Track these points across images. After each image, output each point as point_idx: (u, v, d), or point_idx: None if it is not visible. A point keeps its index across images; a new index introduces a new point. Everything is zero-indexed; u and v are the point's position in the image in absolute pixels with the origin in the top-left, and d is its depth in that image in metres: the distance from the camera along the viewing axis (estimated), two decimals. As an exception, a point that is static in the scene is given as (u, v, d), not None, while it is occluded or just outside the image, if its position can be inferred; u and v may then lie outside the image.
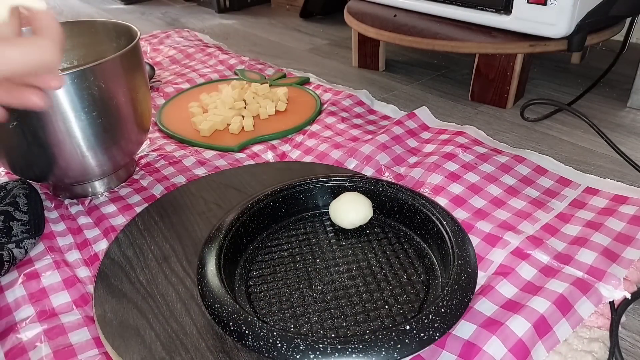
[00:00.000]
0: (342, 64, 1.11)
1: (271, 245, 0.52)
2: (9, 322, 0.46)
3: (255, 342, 0.36)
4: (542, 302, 0.43)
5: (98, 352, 0.43)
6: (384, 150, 0.68)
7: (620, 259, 0.47)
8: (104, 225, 0.58)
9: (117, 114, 0.58)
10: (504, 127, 0.80)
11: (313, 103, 0.86)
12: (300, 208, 0.56)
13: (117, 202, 0.62)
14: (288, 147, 0.74)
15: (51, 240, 0.55)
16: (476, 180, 0.61)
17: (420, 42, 0.85)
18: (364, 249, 0.51)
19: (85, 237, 0.57)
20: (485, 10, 0.83)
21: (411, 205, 0.52)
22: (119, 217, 0.59)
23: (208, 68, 1.06)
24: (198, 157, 0.71)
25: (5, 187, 0.58)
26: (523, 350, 0.40)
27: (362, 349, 0.35)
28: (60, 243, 0.56)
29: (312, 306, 0.44)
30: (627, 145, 0.72)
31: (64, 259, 0.53)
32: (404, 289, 0.45)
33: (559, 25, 0.74)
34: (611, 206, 0.56)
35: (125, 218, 0.59)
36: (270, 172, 0.65)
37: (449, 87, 0.96)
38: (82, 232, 0.58)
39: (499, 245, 0.50)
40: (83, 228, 0.58)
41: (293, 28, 1.40)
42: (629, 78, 0.86)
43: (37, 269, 0.51)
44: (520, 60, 0.81)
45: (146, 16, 1.56)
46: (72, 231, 0.58)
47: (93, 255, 0.54)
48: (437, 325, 0.36)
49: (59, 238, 0.56)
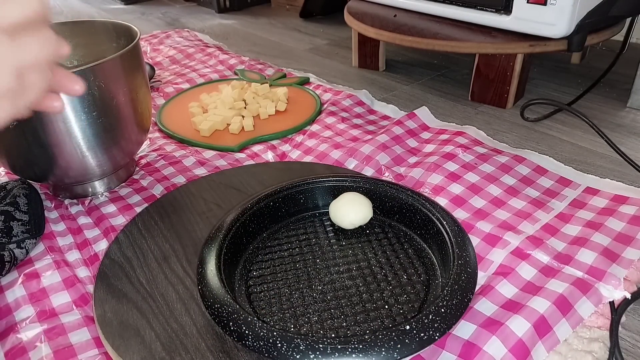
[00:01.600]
0: (342, 64, 1.11)
1: (271, 245, 0.52)
2: (9, 322, 0.46)
3: (255, 342, 0.36)
4: (542, 302, 0.43)
5: (98, 352, 0.43)
6: (384, 150, 0.68)
7: (620, 259, 0.47)
8: (104, 225, 0.58)
9: (117, 114, 0.58)
10: (504, 127, 0.80)
11: (313, 103, 0.86)
12: (300, 208, 0.56)
13: (117, 202, 0.62)
14: (288, 147, 0.74)
15: (51, 240, 0.55)
16: (476, 180, 0.61)
17: (420, 42, 0.85)
18: (364, 249, 0.51)
19: (85, 237, 0.57)
20: (485, 10, 0.83)
21: (411, 205, 0.52)
22: (119, 217, 0.59)
23: (208, 68, 1.06)
24: (198, 157, 0.71)
25: (5, 187, 0.58)
26: (523, 350, 0.40)
27: (362, 349, 0.35)
28: (60, 243, 0.56)
29: (312, 306, 0.44)
30: (627, 145, 0.72)
31: (64, 259, 0.53)
32: (404, 289, 0.45)
33: (559, 25, 0.74)
34: (611, 206, 0.56)
35: (125, 218, 0.59)
36: (270, 172, 0.65)
37: (449, 87, 0.96)
38: (82, 232, 0.58)
39: (499, 245, 0.50)
40: (83, 228, 0.58)
41: (293, 28, 1.40)
42: (629, 78, 0.86)
43: (37, 269, 0.51)
44: (520, 60, 0.81)
45: (146, 16, 1.56)
46: (72, 231, 0.58)
47: (93, 255, 0.54)
48: (437, 325, 0.36)
49: (59, 238, 0.56)
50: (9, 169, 0.60)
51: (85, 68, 0.52)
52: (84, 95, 0.53)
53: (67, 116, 0.53)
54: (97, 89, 0.54)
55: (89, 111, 0.54)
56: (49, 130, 0.54)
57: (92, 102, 0.54)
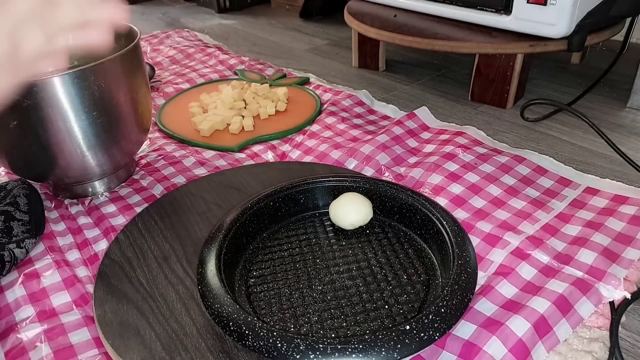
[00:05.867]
0: (342, 64, 1.11)
1: (271, 245, 0.52)
2: (9, 322, 0.46)
3: (255, 342, 0.36)
4: (542, 302, 0.43)
5: (98, 352, 0.43)
6: (384, 150, 0.68)
7: (620, 259, 0.47)
8: (104, 225, 0.58)
9: (117, 114, 0.58)
10: (504, 127, 0.80)
11: (313, 103, 0.86)
12: (300, 208, 0.56)
13: (117, 202, 0.62)
14: (288, 147, 0.74)
15: (51, 240, 0.55)
16: (476, 180, 0.61)
17: (420, 42, 0.85)
18: (364, 249, 0.51)
19: (85, 237, 0.57)
20: (485, 10, 0.83)
21: (411, 205, 0.52)
22: (119, 217, 0.59)
23: (208, 68, 1.06)
24: (198, 157, 0.71)
25: (5, 187, 0.58)
26: (523, 351, 0.40)
27: (362, 349, 0.35)
28: (60, 243, 0.56)
29: (312, 306, 0.44)
30: (627, 145, 0.72)
31: (64, 258, 0.53)
32: (404, 289, 0.45)
33: (559, 25, 0.74)
34: (611, 206, 0.56)
35: (125, 218, 0.59)
36: (270, 172, 0.65)
37: (449, 87, 0.96)
38: (82, 232, 0.58)
39: (499, 245, 0.50)
40: (83, 228, 0.58)
41: (293, 28, 1.40)
42: (629, 78, 0.86)
43: (37, 269, 0.51)
44: (520, 60, 0.80)
45: (146, 16, 1.56)
46: (72, 231, 0.58)
47: (93, 255, 0.54)
48: (437, 325, 0.36)
49: (59, 238, 0.56)
50: (9, 168, 0.60)
51: (86, 68, 0.52)
52: (84, 95, 0.53)
53: (67, 116, 0.53)
54: (98, 89, 0.54)
55: (89, 111, 0.54)
56: (49, 130, 0.53)
57: (92, 102, 0.54)
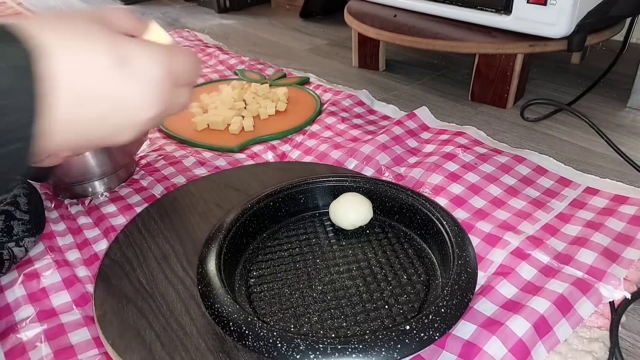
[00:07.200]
0: (342, 64, 1.11)
1: (271, 245, 0.52)
2: (9, 322, 0.46)
3: (255, 342, 0.36)
4: (542, 302, 0.43)
5: (98, 352, 0.43)
6: (384, 150, 0.68)
7: (620, 259, 0.47)
8: (104, 225, 0.58)
9: (117, 114, 0.58)
10: (504, 127, 0.80)
11: (313, 103, 0.86)
12: (300, 208, 0.56)
13: (117, 202, 0.62)
14: (288, 147, 0.74)
15: (51, 240, 0.55)
16: (476, 180, 0.61)
17: (420, 42, 0.85)
18: (364, 249, 0.51)
19: (85, 237, 0.57)
20: (485, 10, 0.83)
21: (411, 205, 0.52)
22: (119, 217, 0.59)
23: (208, 68, 1.06)
24: (198, 157, 0.71)
25: (5, 187, 0.58)
26: (523, 351, 0.40)
27: (362, 349, 0.35)
28: (60, 243, 0.56)
29: (312, 306, 0.44)
30: (627, 145, 0.72)
31: (64, 258, 0.53)
32: (404, 289, 0.45)
33: (559, 25, 0.74)
34: (611, 206, 0.56)
35: (125, 218, 0.59)
36: (270, 172, 0.65)
37: (449, 87, 0.96)
38: (82, 232, 0.58)
39: (499, 245, 0.50)
40: (83, 228, 0.58)
41: (293, 28, 1.40)
42: (629, 78, 0.86)
43: (37, 269, 0.51)
44: (520, 60, 0.81)
45: (146, 16, 1.56)
46: (72, 231, 0.58)
47: (93, 255, 0.54)
48: (437, 325, 0.36)
49: (59, 238, 0.56)
50: (9, 169, 0.60)
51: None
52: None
53: (67, 116, 0.53)
54: (97, 89, 0.54)
55: (89, 111, 0.54)
56: (49, 130, 0.53)
57: (92, 102, 0.54)
